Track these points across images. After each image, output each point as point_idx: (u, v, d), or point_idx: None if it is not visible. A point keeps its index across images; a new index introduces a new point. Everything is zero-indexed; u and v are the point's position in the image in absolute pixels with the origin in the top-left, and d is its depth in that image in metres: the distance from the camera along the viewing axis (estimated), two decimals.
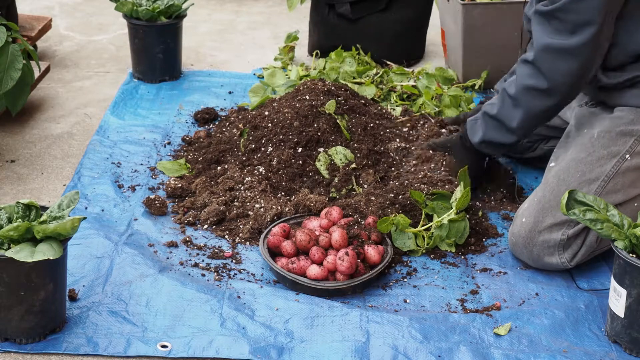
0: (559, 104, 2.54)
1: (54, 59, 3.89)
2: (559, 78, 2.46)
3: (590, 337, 2.26)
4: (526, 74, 2.52)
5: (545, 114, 2.57)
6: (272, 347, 2.16)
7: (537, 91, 2.50)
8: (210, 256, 2.52)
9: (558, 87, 2.48)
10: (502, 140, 2.65)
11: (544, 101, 2.51)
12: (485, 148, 2.71)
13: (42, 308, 2.11)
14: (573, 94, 2.53)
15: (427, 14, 3.92)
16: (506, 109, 2.60)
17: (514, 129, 2.60)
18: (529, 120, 2.58)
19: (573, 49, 2.41)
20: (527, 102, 2.53)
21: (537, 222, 2.46)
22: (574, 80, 2.47)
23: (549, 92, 2.48)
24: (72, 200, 2.13)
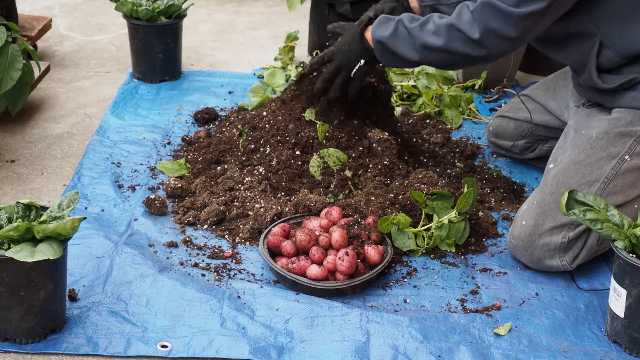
0: (481, 58, 2.47)
1: (54, 59, 3.89)
2: (491, 37, 2.41)
3: (590, 337, 2.26)
4: (464, 17, 2.44)
5: (462, 58, 2.49)
6: (272, 347, 2.16)
7: (466, 37, 2.42)
8: (210, 256, 2.52)
9: (487, 44, 2.41)
10: (401, 51, 2.52)
11: (468, 49, 2.44)
12: (378, 50, 2.56)
13: (42, 308, 2.11)
14: (499, 54, 2.47)
15: None
16: (425, 30, 2.49)
17: (421, 49, 2.49)
18: (442, 54, 2.48)
19: (513, 16, 2.36)
20: (451, 39, 2.45)
21: (538, 225, 2.46)
22: (505, 44, 2.42)
23: (476, 43, 2.42)
24: (72, 200, 2.13)
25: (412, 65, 2.59)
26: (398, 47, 2.52)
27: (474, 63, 2.54)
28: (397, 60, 2.57)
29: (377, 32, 2.56)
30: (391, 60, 2.58)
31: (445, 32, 2.46)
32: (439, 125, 3.30)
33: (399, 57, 2.54)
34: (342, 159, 2.79)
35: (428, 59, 2.52)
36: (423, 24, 2.50)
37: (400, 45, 2.52)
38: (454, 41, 2.45)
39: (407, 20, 2.53)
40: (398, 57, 2.54)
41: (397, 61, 2.57)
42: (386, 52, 2.56)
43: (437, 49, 2.48)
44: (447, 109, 3.39)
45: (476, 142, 3.21)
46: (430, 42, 2.48)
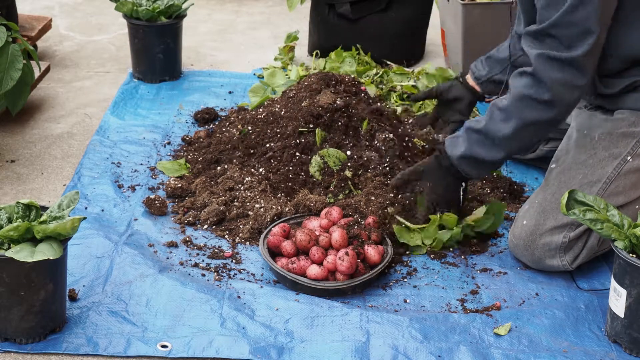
0: (555, 118, 2.38)
1: (54, 59, 3.89)
2: (561, 90, 2.32)
3: (590, 337, 2.26)
4: (524, 84, 2.36)
5: (539, 127, 2.40)
6: (272, 347, 2.16)
7: (536, 102, 2.34)
8: (210, 256, 2.52)
9: (559, 99, 2.33)
10: (486, 156, 2.44)
11: (541, 113, 2.35)
12: (466, 166, 2.48)
13: (42, 308, 2.11)
14: (571, 108, 2.41)
15: (427, 14, 3.92)
16: (495, 121, 2.41)
17: (501, 141, 2.41)
18: (520, 133, 2.39)
19: (573, 61, 2.30)
20: (522, 112, 2.37)
21: (538, 225, 2.46)
22: (576, 93, 2.34)
23: (549, 103, 2.33)
24: (72, 200, 2.13)
25: (500, 164, 2.52)
26: (480, 154, 2.45)
27: (551, 127, 2.43)
28: (485, 167, 2.50)
29: (454, 152, 2.49)
30: (479, 170, 2.51)
31: (514, 108, 2.38)
32: None
33: (485, 163, 2.46)
34: (342, 158, 2.79)
35: (512, 148, 2.43)
36: (490, 117, 2.43)
37: (481, 151, 2.44)
38: (527, 112, 2.36)
39: (474, 124, 2.47)
40: (485, 163, 2.47)
41: (485, 168, 2.50)
42: (472, 165, 2.48)
43: (515, 132, 2.38)
44: None
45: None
46: (507, 130, 2.39)
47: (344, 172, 2.76)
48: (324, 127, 2.86)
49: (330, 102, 2.89)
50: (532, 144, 2.53)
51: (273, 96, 3.28)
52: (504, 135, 2.39)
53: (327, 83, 3.02)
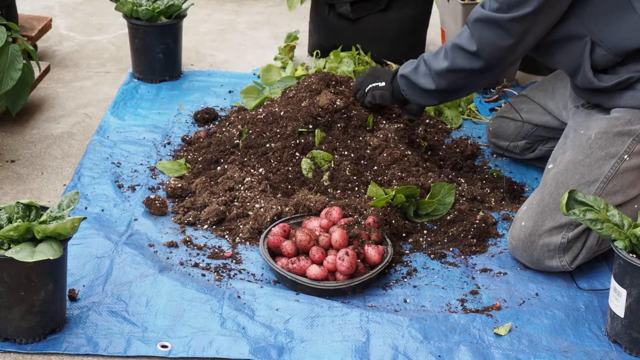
0: (482, 68, 2.60)
1: (54, 59, 3.89)
2: (487, 46, 2.55)
3: (590, 337, 2.26)
4: (463, 35, 2.62)
5: (466, 74, 2.63)
6: (272, 347, 2.16)
7: (465, 51, 2.59)
8: (210, 256, 2.52)
9: (484, 54, 2.56)
10: (419, 81, 2.72)
11: (468, 62, 2.60)
12: (403, 83, 2.78)
13: (42, 308, 2.11)
14: (498, 63, 2.60)
15: (427, 14, 3.92)
16: (438, 57, 2.68)
17: (434, 75, 2.68)
18: (449, 75, 2.65)
19: (503, 23, 2.49)
20: (454, 58, 2.62)
21: (537, 226, 2.46)
22: (501, 52, 2.55)
23: (475, 55, 2.57)
24: (72, 200, 2.13)
25: (431, 98, 2.79)
26: (418, 79, 2.75)
27: (479, 79, 2.68)
28: (418, 92, 2.77)
29: (403, 70, 2.81)
30: (413, 93, 2.79)
31: (450, 52, 2.65)
32: (439, 125, 3.30)
33: (418, 88, 2.75)
34: (327, 158, 2.80)
35: (442, 85, 2.70)
36: (436, 54, 2.71)
37: (420, 77, 2.74)
38: (457, 59, 2.63)
39: (427, 54, 2.75)
40: (418, 88, 2.76)
41: (418, 93, 2.78)
42: (409, 85, 2.78)
43: (446, 71, 2.66)
44: (447, 109, 3.39)
45: (476, 142, 3.21)
46: (440, 66, 2.67)
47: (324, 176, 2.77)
48: (324, 127, 2.86)
49: (330, 103, 2.89)
50: (462, 87, 2.72)
51: (271, 95, 3.28)
52: (437, 70, 2.68)
53: (327, 83, 3.02)
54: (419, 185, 2.73)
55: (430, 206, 2.68)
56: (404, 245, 2.61)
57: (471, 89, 2.74)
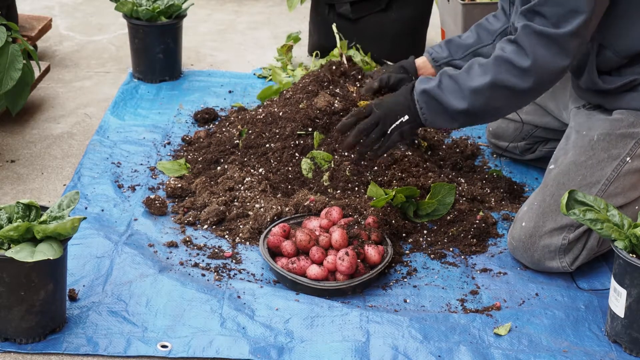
0: (528, 89, 2.38)
1: (54, 59, 3.89)
2: (542, 63, 2.34)
3: (590, 337, 2.26)
4: (509, 49, 2.38)
5: (508, 93, 2.39)
6: (272, 347, 2.16)
7: (515, 67, 2.35)
8: (210, 256, 2.52)
9: (537, 72, 2.34)
10: (447, 100, 2.43)
11: (516, 79, 2.36)
12: (424, 101, 2.46)
13: (42, 308, 2.11)
14: (547, 86, 2.41)
15: (427, 14, 3.92)
16: (471, 73, 2.42)
17: (468, 92, 2.40)
18: (489, 91, 2.38)
19: (558, 38, 2.31)
20: (499, 72, 2.37)
21: (538, 227, 2.46)
22: (555, 71, 2.36)
23: (526, 72, 2.34)
24: (72, 200, 2.13)
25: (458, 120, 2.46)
26: (445, 97, 2.43)
27: (519, 101, 2.45)
28: (443, 113, 2.45)
29: (421, 85, 2.48)
30: (436, 113, 2.46)
31: (492, 66, 2.38)
32: None
33: (445, 107, 2.43)
34: (327, 158, 2.80)
35: (477, 104, 2.41)
36: (469, 69, 2.44)
37: (447, 95, 2.43)
38: (502, 73, 2.36)
39: (451, 70, 2.48)
40: (444, 107, 2.43)
41: (443, 114, 2.45)
42: (432, 104, 2.45)
43: (485, 88, 2.38)
44: None
45: (476, 142, 3.21)
46: (478, 82, 2.39)
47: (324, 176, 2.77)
48: (322, 129, 2.87)
49: (328, 105, 2.89)
50: (496, 111, 2.47)
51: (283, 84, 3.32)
52: (474, 87, 2.39)
53: (321, 84, 3.02)
54: (419, 185, 2.73)
55: (430, 207, 2.68)
56: (404, 245, 2.61)
57: (504, 113, 2.50)
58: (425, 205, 2.68)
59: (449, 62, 2.83)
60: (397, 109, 2.50)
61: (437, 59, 2.85)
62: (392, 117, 2.51)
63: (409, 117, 2.49)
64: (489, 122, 2.66)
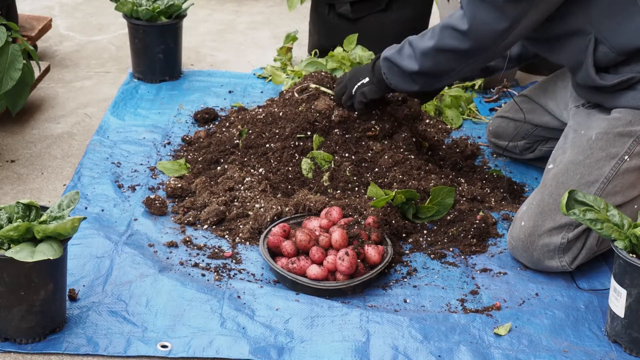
0: (469, 50, 2.53)
1: (54, 59, 3.89)
2: (479, 27, 2.48)
3: (590, 337, 2.26)
4: (455, 15, 2.55)
5: (451, 55, 2.56)
6: (272, 347, 2.16)
7: (454, 30, 2.52)
8: (210, 256, 2.52)
9: (475, 34, 2.49)
10: (403, 64, 2.65)
11: (456, 41, 2.53)
12: (385, 67, 2.71)
13: (42, 308, 2.11)
14: (488, 47, 2.53)
15: (427, 14, 3.92)
16: (422, 37, 2.63)
17: (418, 56, 2.61)
18: (435, 54, 2.57)
19: (500, 3, 2.42)
20: (442, 36, 2.55)
21: (537, 226, 2.46)
22: (493, 35, 2.48)
23: (465, 34, 2.50)
24: (72, 200, 2.13)
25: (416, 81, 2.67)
26: (402, 61, 2.67)
27: (465, 62, 2.58)
28: (401, 75, 2.68)
29: (385, 52, 2.74)
30: (396, 76, 2.70)
31: (438, 31, 2.58)
32: (439, 125, 3.30)
33: (402, 70, 2.67)
34: (328, 158, 2.80)
35: (425, 66, 2.61)
36: (423, 34, 2.65)
37: (403, 59, 2.67)
38: (445, 38, 2.55)
39: (413, 36, 2.68)
40: (402, 70, 2.67)
41: (401, 75, 2.69)
42: (393, 69, 2.70)
43: (431, 50, 2.58)
44: (447, 109, 3.39)
45: (476, 142, 3.21)
46: (425, 45, 2.60)
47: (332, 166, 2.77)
48: (322, 132, 2.87)
49: (327, 108, 2.89)
50: (445, 70, 2.62)
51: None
52: (422, 49, 2.60)
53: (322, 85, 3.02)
54: (420, 189, 2.73)
55: (429, 210, 2.68)
56: (404, 245, 2.61)
57: (455, 74, 2.64)
58: (425, 209, 2.68)
59: None
60: (360, 74, 2.82)
61: None
62: (354, 80, 2.82)
63: (369, 79, 2.79)
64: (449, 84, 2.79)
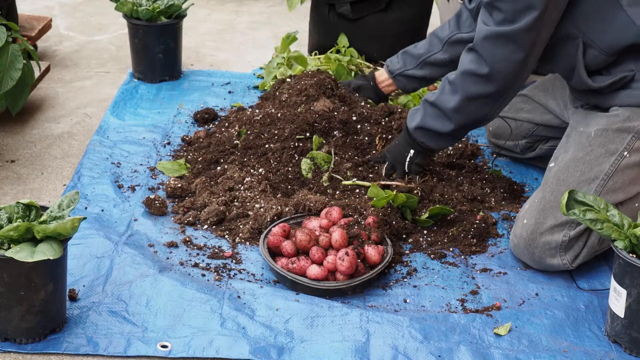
0: (498, 92, 2.51)
1: (54, 59, 3.89)
2: (499, 64, 2.46)
3: (590, 337, 2.26)
4: (468, 60, 2.52)
5: (482, 101, 2.54)
6: (272, 347, 2.16)
7: (477, 76, 2.50)
8: (210, 256, 2.52)
9: (498, 74, 2.47)
10: (438, 127, 2.62)
11: (482, 87, 2.50)
12: (421, 136, 2.67)
13: (42, 308, 2.11)
14: (513, 83, 2.51)
15: (427, 14, 3.92)
16: (445, 94, 2.59)
17: (450, 114, 2.57)
18: (466, 106, 2.55)
19: (513, 35, 2.41)
20: (466, 87, 2.52)
21: (538, 224, 2.46)
22: (515, 68, 2.46)
23: (488, 77, 2.48)
24: (72, 200, 2.13)
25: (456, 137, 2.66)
26: (434, 125, 2.62)
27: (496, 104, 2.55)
28: (440, 137, 2.65)
29: (411, 123, 2.69)
30: (435, 140, 2.67)
31: (459, 82, 2.54)
32: None
33: (437, 133, 2.63)
34: (327, 159, 2.80)
35: (461, 121, 2.59)
36: (442, 90, 2.60)
37: (435, 123, 2.62)
38: (469, 86, 2.52)
39: (429, 96, 2.64)
40: (439, 133, 2.63)
41: (441, 138, 2.65)
42: (429, 135, 2.66)
43: (461, 105, 2.55)
44: None
45: (476, 142, 3.21)
46: (453, 102, 2.55)
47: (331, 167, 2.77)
48: (321, 133, 2.87)
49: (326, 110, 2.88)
50: (482, 117, 2.59)
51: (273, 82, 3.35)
52: (452, 107, 2.57)
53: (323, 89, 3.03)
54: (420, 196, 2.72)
55: (427, 222, 2.67)
56: (404, 245, 2.61)
57: (490, 117, 2.60)
58: (422, 221, 2.67)
59: (402, 72, 3.10)
60: (401, 150, 2.75)
61: (392, 71, 3.14)
62: (401, 159, 2.76)
63: (414, 151, 2.73)
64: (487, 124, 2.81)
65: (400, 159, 2.76)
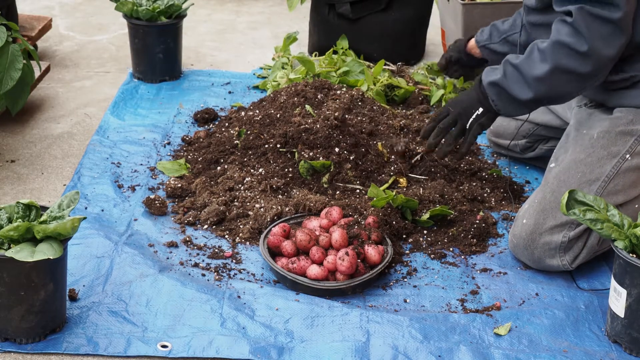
0: (589, 73, 2.38)
1: (54, 59, 3.89)
2: (599, 44, 2.34)
3: (590, 337, 2.26)
4: (566, 32, 2.37)
5: (571, 77, 2.40)
6: (272, 347, 2.16)
7: (573, 51, 2.36)
8: (210, 256, 2.52)
9: (596, 53, 2.35)
10: (515, 92, 2.48)
11: (577, 64, 2.37)
12: (494, 94, 2.53)
13: (42, 308, 2.11)
14: (608, 66, 2.39)
15: (427, 14, 3.92)
16: (531, 60, 2.44)
17: (532, 81, 2.44)
18: (552, 78, 2.41)
19: (613, 18, 2.31)
20: (558, 58, 2.38)
21: (538, 224, 2.46)
22: (612, 50, 2.35)
23: (585, 56, 2.35)
24: (72, 200, 2.13)
25: (528, 107, 2.52)
26: (511, 88, 2.49)
27: (582, 86, 2.44)
28: (512, 102, 2.51)
29: (488, 78, 2.55)
30: (507, 103, 2.52)
31: (550, 52, 2.40)
32: None
33: (513, 97, 2.49)
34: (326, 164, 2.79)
35: (542, 91, 2.45)
36: (529, 55, 2.46)
37: (513, 85, 2.48)
38: (562, 58, 2.38)
39: (513, 58, 2.51)
40: (513, 98, 2.49)
41: (513, 103, 2.51)
42: (502, 95, 2.52)
43: (547, 75, 2.41)
44: None
45: (476, 142, 3.21)
46: (540, 70, 2.42)
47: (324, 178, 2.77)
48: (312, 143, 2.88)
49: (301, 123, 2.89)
50: (564, 94, 2.48)
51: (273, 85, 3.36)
52: (537, 75, 2.43)
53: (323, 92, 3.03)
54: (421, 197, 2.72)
55: (427, 223, 2.67)
56: (404, 245, 2.61)
57: (571, 96, 2.50)
58: (422, 222, 2.68)
59: (487, 45, 3.06)
60: (471, 104, 2.60)
61: (479, 41, 3.11)
62: (468, 112, 2.61)
63: (483, 109, 2.58)
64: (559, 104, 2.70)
65: (466, 113, 2.60)
